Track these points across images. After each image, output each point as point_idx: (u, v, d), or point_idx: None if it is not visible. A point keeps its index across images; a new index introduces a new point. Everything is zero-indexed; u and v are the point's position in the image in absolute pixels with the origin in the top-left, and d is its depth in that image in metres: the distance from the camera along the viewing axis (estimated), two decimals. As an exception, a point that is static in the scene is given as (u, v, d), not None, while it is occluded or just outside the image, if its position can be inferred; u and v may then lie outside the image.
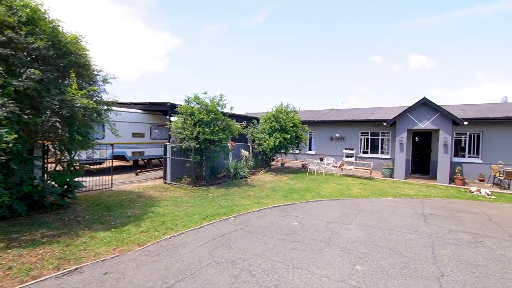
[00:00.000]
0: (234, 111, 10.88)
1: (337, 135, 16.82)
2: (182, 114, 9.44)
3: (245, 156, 12.71)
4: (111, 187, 8.43)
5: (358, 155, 16.09)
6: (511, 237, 5.36)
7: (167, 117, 10.83)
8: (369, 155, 15.88)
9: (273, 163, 16.01)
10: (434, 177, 13.52)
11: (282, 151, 13.92)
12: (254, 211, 6.68)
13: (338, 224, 5.80)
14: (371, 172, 12.96)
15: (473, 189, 10.47)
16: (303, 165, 15.38)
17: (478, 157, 13.23)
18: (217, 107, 9.73)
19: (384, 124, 13.32)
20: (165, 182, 9.61)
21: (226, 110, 10.16)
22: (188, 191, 8.63)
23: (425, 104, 12.26)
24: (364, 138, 16.14)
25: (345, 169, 14.09)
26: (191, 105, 9.64)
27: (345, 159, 15.98)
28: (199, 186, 9.41)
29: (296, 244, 4.54)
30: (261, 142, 12.97)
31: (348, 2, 58.29)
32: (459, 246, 4.77)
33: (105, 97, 6.63)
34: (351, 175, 13.74)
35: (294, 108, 14.31)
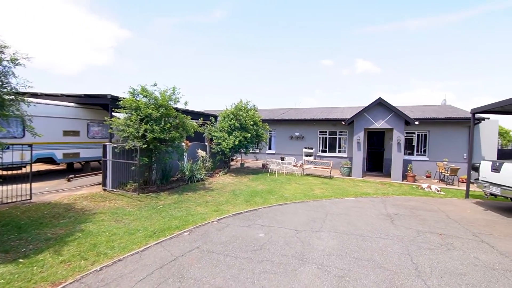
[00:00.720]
0: (190, 107, 9.75)
1: (297, 134, 16.64)
2: (126, 109, 8.02)
3: (202, 156, 11.62)
4: (30, 199, 6.68)
5: (317, 154, 16.12)
6: (475, 236, 5.35)
7: (109, 112, 9.21)
8: (327, 154, 16.00)
9: (232, 163, 15.13)
10: (387, 175, 14.06)
11: (242, 150, 13.13)
12: (213, 222, 5.75)
13: (308, 232, 5.20)
14: (330, 171, 12.93)
15: (424, 185, 10.98)
16: (263, 165, 14.81)
17: (425, 155, 14.13)
18: (169, 102, 8.51)
19: (343, 123, 13.44)
20: (104, 190, 8.07)
21: (180, 105, 8.98)
22: (134, 200, 7.30)
23: (380, 104, 12.60)
24: (323, 137, 16.22)
25: (306, 168, 13.90)
26: (137, 99, 8.27)
27: (305, 158, 15.85)
28: (148, 192, 8.10)
29: (266, 265, 3.77)
30: (220, 141, 12.00)
31: (298, 3, 60.03)
32: (433, 250, 4.51)
33: (13, 82, 5.03)
34: (312, 174, 13.58)
35: (254, 105, 13.63)
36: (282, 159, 13.46)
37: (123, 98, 8.11)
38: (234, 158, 14.90)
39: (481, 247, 4.76)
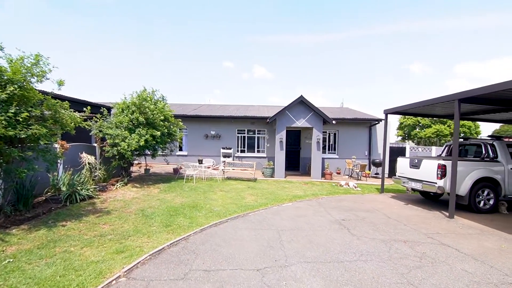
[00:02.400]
0: (67, 93, 6.48)
1: (213, 132, 14.84)
2: None
3: (89, 163, 8.28)
4: None
5: (236, 155, 14.81)
6: (431, 238, 5.09)
7: None
8: (246, 154, 14.93)
9: (134, 169, 11.93)
10: (304, 173, 14.16)
11: (149, 152, 10.36)
12: (119, 278, 3.38)
13: (276, 272, 3.62)
14: (254, 173, 11.81)
15: (343, 183, 11.29)
16: (176, 169, 12.32)
17: (335, 153, 14.99)
18: (29, 78, 5.22)
19: (267, 121, 12.58)
20: None
21: (49, 85, 5.75)
22: None
23: (301, 103, 12.38)
24: (241, 136, 15.04)
25: (226, 171, 12.31)
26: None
27: (222, 159, 14.27)
28: (-17, 231, 4.64)
29: None
30: (117, 141, 8.91)
31: (205, 3, 58.31)
32: (423, 269, 3.77)
33: None
34: (233, 177, 12.13)
35: (163, 96, 11.00)
36: (200, 161, 11.43)
37: None
38: (137, 162, 11.78)
39: (452, 253, 4.39)
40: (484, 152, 7.50)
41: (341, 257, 4.14)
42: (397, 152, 14.70)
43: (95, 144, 9.57)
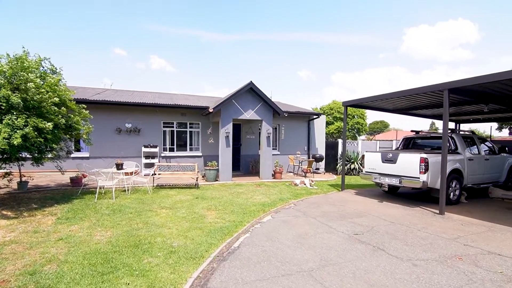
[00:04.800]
0: None
1: (129, 125, 11.13)
2: None
3: None
4: None
5: (162, 154, 11.62)
6: (467, 245, 4.28)
7: None
8: (176, 153, 11.94)
9: (-4, 184, 7.30)
10: (247, 173, 12.53)
11: (28, 155, 6.36)
12: None
13: None
14: (197, 178, 9.21)
15: (297, 181, 10.20)
16: (75, 179, 8.35)
17: (276, 149, 13.88)
18: None
19: (211, 110, 10.05)
20: None
21: None
22: None
23: (250, 91, 10.55)
24: (169, 131, 11.92)
25: (158, 177, 9.22)
26: None
27: (145, 160, 10.90)
28: None
29: None
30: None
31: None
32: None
33: None
34: (166, 185, 9.25)
35: (55, 68, 7.00)
36: (119, 166, 7.98)
37: None
38: (4, 172, 7.26)
39: (523, 269, 3.59)
40: (448, 144, 7.67)
41: (450, 314, 2.63)
42: (331, 147, 14.92)
43: None
